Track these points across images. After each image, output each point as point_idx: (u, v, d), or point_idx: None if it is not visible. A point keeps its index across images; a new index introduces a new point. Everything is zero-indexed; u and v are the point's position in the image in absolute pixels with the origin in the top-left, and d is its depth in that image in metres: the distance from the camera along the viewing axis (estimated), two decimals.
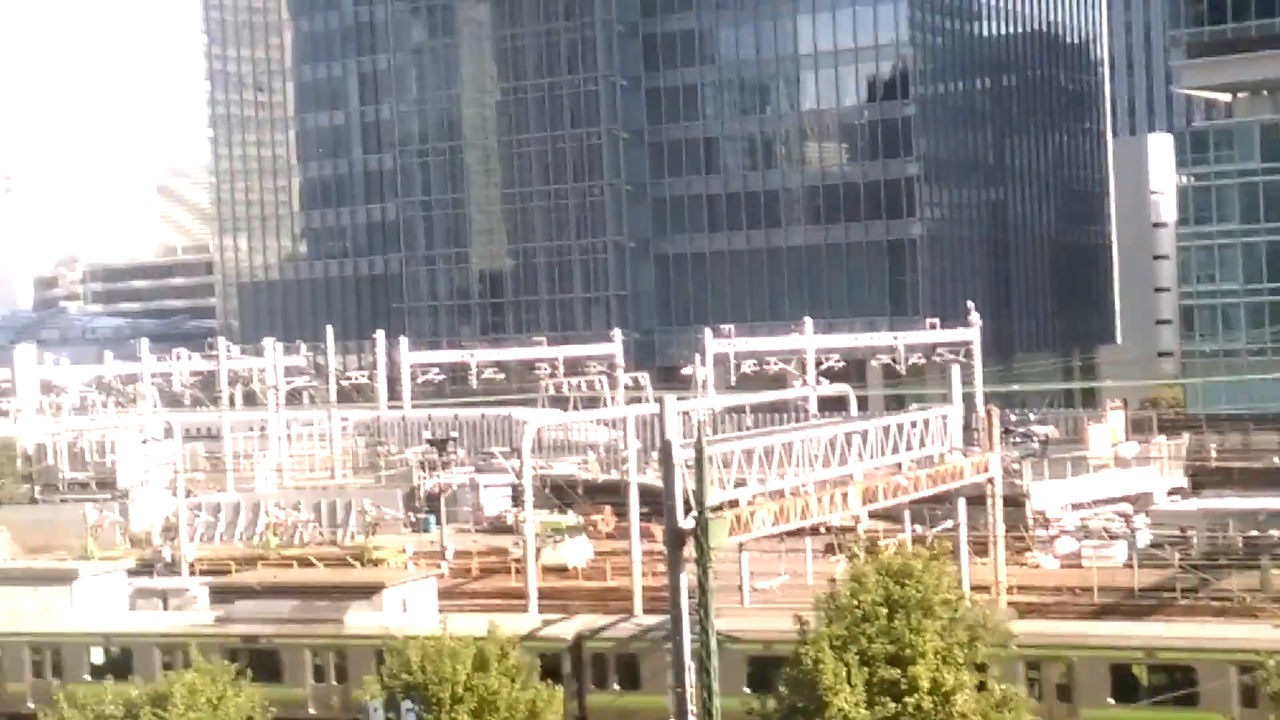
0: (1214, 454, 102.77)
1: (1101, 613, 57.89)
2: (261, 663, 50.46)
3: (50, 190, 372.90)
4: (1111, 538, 74.05)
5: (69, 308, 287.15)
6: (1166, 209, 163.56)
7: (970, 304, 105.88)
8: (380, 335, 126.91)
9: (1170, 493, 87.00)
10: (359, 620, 53.50)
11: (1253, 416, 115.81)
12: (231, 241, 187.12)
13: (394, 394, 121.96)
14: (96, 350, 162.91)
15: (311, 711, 52.75)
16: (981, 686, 38.93)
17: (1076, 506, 79.77)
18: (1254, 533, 69.39)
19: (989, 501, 58.60)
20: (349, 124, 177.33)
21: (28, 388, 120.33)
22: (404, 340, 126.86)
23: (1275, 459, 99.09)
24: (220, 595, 63.01)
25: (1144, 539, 73.59)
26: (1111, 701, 44.72)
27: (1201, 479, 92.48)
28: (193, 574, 71.33)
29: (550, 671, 46.88)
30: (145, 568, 73.09)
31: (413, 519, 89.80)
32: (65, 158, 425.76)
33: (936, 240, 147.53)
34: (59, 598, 61.00)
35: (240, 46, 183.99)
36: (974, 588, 52.70)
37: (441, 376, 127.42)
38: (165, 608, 63.63)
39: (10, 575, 65.34)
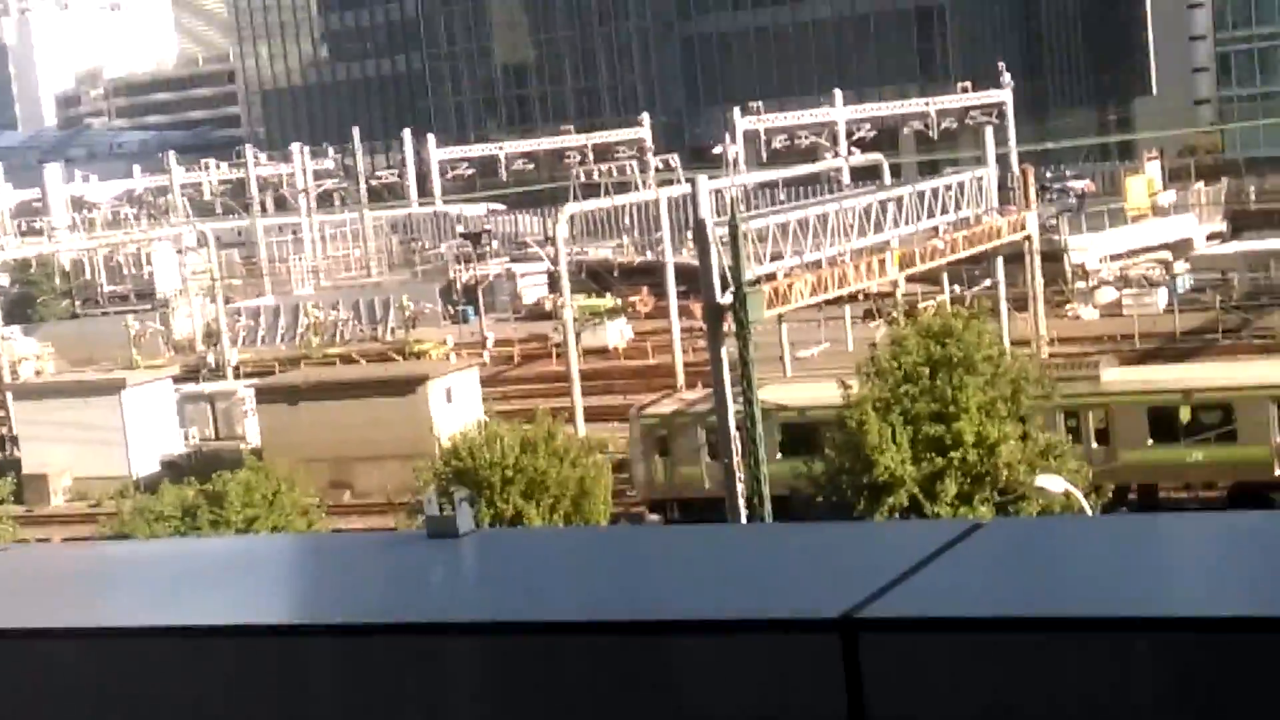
0: (1253, 197, 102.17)
1: (1143, 359, 57.79)
2: None
3: (63, 6, 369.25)
4: (1151, 285, 73.87)
5: (94, 124, 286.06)
6: None
7: (1001, 65, 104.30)
8: (407, 134, 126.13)
9: (1209, 238, 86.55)
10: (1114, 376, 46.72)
11: None
12: (252, 49, 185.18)
13: (424, 191, 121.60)
14: (125, 165, 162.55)
15: None
16: (1025, 437, 39.20)
17: (1115, 257, 79.38)
18: None
19: (1027, 258, 58.48)
20: None
21: (59, 206, 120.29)
22: (431, 138, 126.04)
23: None
24: (266, 396, 63.75)
25: (1184, 284, 73.49)
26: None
27: (1241, 223, 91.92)
28: (237, 377, 72.00)
29: None
30: (190, 375, 73.78)
31: (451, 312, 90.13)
32: None
33: (964, 3, 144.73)
34: (109, 408, 61.72)
35: None
36: (1015, 343, 52.71)
37: (471, 171, 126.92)
38: (213, 411, 64.51)
39: (60, 388, 66.08)
